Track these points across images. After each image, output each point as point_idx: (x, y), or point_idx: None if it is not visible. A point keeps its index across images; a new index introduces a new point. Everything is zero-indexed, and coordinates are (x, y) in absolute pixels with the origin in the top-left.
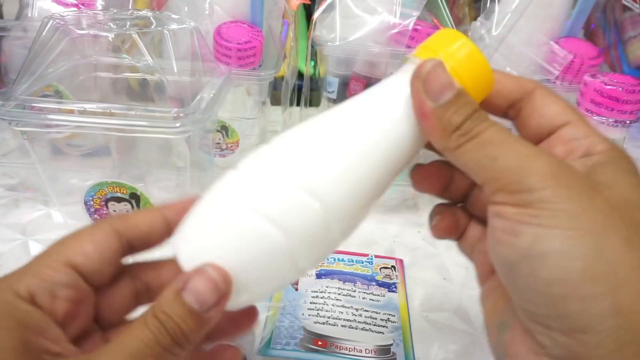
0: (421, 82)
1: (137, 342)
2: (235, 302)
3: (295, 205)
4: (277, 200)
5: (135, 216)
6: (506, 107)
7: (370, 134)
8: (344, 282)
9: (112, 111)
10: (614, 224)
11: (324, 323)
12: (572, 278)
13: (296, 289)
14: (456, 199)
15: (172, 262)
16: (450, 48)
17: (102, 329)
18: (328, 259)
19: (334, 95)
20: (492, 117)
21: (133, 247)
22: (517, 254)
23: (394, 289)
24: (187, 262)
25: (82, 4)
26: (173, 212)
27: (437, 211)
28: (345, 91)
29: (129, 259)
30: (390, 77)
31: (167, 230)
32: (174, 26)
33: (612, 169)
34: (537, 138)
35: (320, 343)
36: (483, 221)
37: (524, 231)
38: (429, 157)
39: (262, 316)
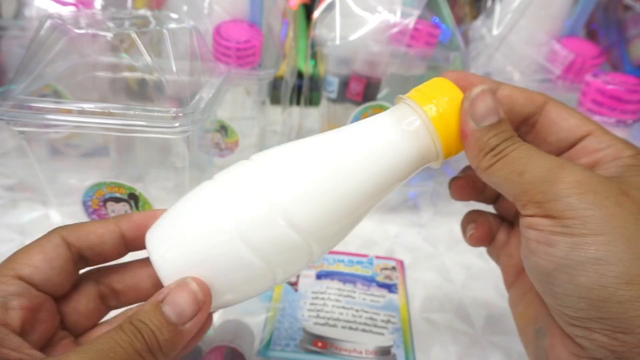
0: (469, 103)
1: (110, 341)
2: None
3: (277, 238)
4: (261, 231)
5: (88, 226)
6: (519, 122)
7: (354, 169)
8: (344, 283)
9: (111, 111)
10: None
11: (323, 324)
12: (610, 283)
13: (296, 290)
14: (489, 201)
15: (135, 264)
16: (442, 97)
17: (74, 335)
18: (328, 260)
19: (334, 95)
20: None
21: (84, 257)
22: (554, 263)
23: (394, 290)
24: (168, 277)
25: (81, 3)
26: (130, 226)
27: (471, 218)
28: (345, 91)
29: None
30: (380, 114)
31: (121, 244)
32: (173, 25)
33: (639, 170)
34: (558, 152)
35: (320, 344)
36: (510, 223)
37: (559, 241)
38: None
39: (261, 317)
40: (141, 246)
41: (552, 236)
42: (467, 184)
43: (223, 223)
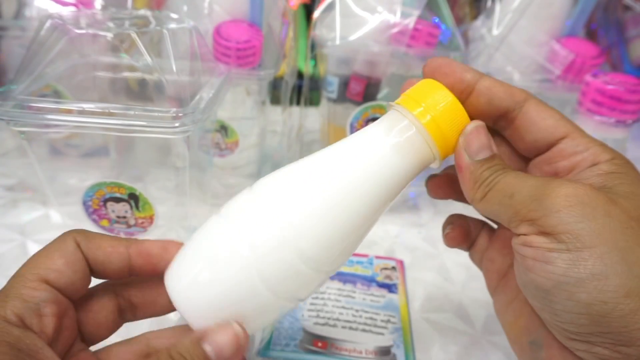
0: (463, 139)
1: None
2: None
3: (292, 275)
4: (277, 273)
5: (99, 239)
6: (497, 116)
7: (357, 192)
8: (344, 283)
9: (111, 111)
10: (634, 236)
11: (323, 324)
12: (609, 297)
13: None
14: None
15: (155, 282)
16: (431, 99)
17: (87, 346)
18: None
19: (334, 95)
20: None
21: (90, 268)
22: (552, 281)
23: (394, 290)
24: (196, 322)
25: (81, 3)
26: (139, 253)
27: (449, 221)
28: (345, 91)
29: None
30: (373, 125)
31: (125, 268)
32: (173, 25)
33: (622, 178)
34: (535, 152)
35: (320, 344)
36: (492, 229)
37: (556, 257)
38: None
39: None
40: (145, 274)
41: (549, 253)
42: (443, 182)
43: (241, 264)
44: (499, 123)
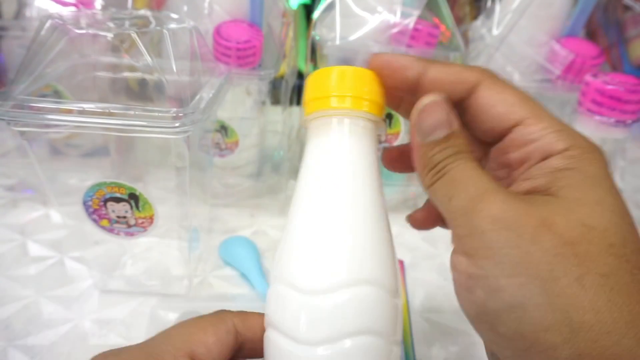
0: (416, 115)
1: None
2: None
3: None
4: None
5: (254, 317)
6: (452, 105)
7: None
8: None
9: (111, 111)
10: (563, 264)
11: None
12: (529, 330)
13: None
14: None
15: None
16: (330, 85)
17: None
18: None
19: None
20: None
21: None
22: (474, 310)
23: None
24: None
25: (81, 3)
26: None
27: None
28: None
29: None
30: (308, 148)
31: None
32: (173, 26)
33: (572, 177)
34: (492, 142)
35: None
36: None
37: (476, 286)
38: None
39: None
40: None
41: (471, 280)
42: (398, 156)
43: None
44: (458, 110)
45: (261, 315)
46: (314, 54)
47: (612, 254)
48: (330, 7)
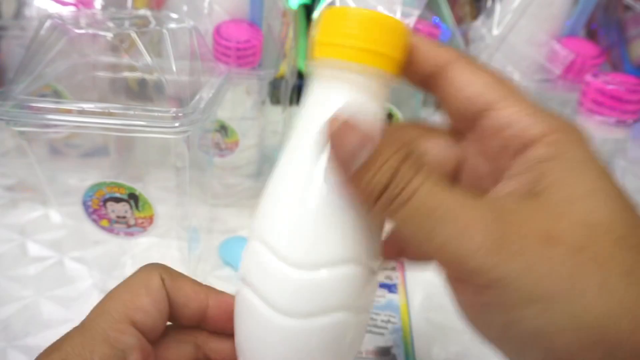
0: (332, 149)
1: None
2: None
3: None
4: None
5: (182, 281)
6: (419, 80)
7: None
8: None
9: (111, 111)
10: (581, 276)
11: None
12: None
13: None
14: None
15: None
16: (344, 31)
17: None
18: None
19: None
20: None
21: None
22: (493, 336)
23: (394, 290)
24: None
25: (81, 3)
26: (217, 304)
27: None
28: None
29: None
30: (310, 97)
31: (199, 316)
32: (172, 25)
33: (558, 172)
34: (465, 126)
35: None
36: None
37: (492, 316)
38: None
39: None
40: (217, 327)
41: (484, 309)
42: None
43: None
44: (426, 85)
45: (194, 282)
46: None
47: (625, 247)
48: (331, 6)
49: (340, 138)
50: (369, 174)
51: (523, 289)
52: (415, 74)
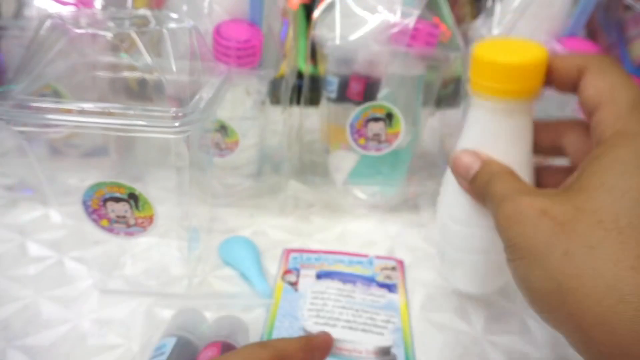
0: (452, 171)
1: None
2: None
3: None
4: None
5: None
6: (561, 88)
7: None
8: (344, 283)
9: (111, 111)
10: (554, 241)
11: (323, 324)
12: (536, 299)
13: (296, 290)
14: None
15: None
16: (488, 76)
17: None
18: (328, 260)
19: (334, 95)
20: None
21: None
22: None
23: (394, 290)
24: None
25: (81, 3)
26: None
27: None
28: (345, 91)
29: None
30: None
31: None
32: (173, 25)
33: (597, 167)
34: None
35: None
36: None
37: (511, 268)
38: None
39: (257, 313)
40: None
41: (508, 264)
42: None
43: None
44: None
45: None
46: (314, 54)
47: (601, 228)
48: (330, 7)
49: (457, 163)
50: (475, 183)
51: (519, 248)
52: (557, 83)
